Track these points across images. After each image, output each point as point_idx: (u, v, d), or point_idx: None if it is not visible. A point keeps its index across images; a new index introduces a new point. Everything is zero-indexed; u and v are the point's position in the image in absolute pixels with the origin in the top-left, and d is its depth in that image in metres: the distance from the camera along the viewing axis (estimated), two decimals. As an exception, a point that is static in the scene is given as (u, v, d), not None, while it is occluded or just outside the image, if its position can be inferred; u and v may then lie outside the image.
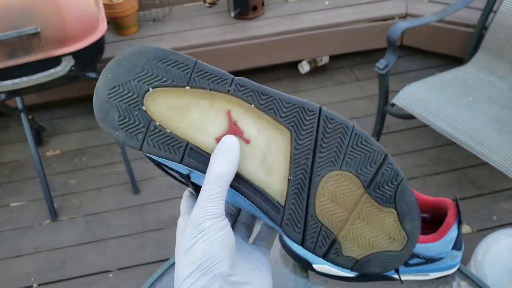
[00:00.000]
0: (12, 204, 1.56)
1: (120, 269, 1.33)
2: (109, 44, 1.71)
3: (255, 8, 1.79)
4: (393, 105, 1.38)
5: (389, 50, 1.34)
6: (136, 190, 1.53)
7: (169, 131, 0.29)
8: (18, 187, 1.62)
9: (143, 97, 0.29)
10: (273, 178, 0.29)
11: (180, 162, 0.29)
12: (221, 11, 1.90)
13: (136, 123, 0.29)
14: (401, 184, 0.29)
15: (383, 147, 0.29)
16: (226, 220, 0.28)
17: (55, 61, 1.24)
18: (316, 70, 1.96)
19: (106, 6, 1.62)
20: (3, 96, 1.34)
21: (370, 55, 2.00)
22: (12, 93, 1.34)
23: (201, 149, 0.29)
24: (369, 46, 1.88)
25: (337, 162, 0.29)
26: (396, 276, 0.60)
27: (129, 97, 0.29)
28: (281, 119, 0.29)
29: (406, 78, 1.83)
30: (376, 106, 1.47)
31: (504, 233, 1.00)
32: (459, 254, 0.58)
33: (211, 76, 0.29)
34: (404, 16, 1.79)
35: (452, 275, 0.60)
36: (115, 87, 0.29)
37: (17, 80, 1.22)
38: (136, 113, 0.29)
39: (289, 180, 0.29)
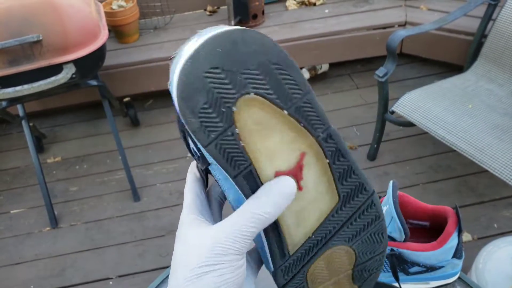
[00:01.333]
0: (12, 211, 1.56)
1: (120, 276, 1.32)
2: (110, 52, 1.72)
3: (255, 16, 1.80)
4: (392, 112, 1.39)
5: (388, 58, 1.35)
6: (136, 197, 1.53)
7: (242, 145, 0.25)
8: (19, 194, 1.62)
9: (240, 98, 0.24)
10: (299, 230, 0.29)
11: (233, 178, 0.26)
12: (221, 19, 1.91)
13: (217, 120, 0.24)
14: (375, 273, 0.33)
15: (387, 243, 0.32)
16: (245, 259, 0.26)
17: (56, 69, 1.25)
18: (316, 78, 1.97)
19: (107, 14, 1.63)
20: (4, 103, 1.35)
21: (369, 63, 2.01)
22: (13, 101, 1.35)
23: (258, 176, 0.26)
24: (368, 54, 1.89)
25: (351, 240, 0.31)
26: (396, 284, 0.60)
27: (227, 89, 0.24)
28: (340, 186, 0.29)
29: (405, 85, 1.84)
30: (376, 113, 1.48)
31: (505, 241, 1.00)
32: (459, 263, 0.58)
33: (313, 114, 0.27)
34: (403, 24, 1.80)
35: (452, 284, 0.60)
36: (217, 68, 0.23)
37: (18, 88, 1.22)
38: (223, 109, 0.24)
39: (309, 237, 0.29)
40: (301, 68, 1.93)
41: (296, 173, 0.27)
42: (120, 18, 1.70)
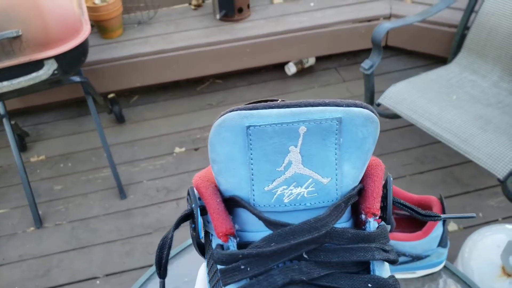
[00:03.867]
0: (-5, 212, 1.53)
1: (107, 275, 1.31)
2: (93, 48, 1.69)
3: (240, 10, 1.79)
4: (378, 105, 1.39)
5: (374, 50, 1.35)
6: (122, 194, 1.51)
7: None
8: (1, 194, 1.58)
9: None
10: None
11: None
12: (206, 13, 1.89)
13: None
14: None
15: None
16: None
17: (37, 65, 1.22)
18: (303, 72, 1.96)
19: (90, 9, 1.60)
20: (-16, 101, 1.32)
21: (355, 56, 2.01)
22: (-7, 98, 1.31)
23: None
24: (354, 47, 1.89)
25: None
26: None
27: None
28: None
29: (391, 78, 1.85)
30: (362, 106, 1.48)
31: (490, 229, 1.01)
32: (444, 251, 0.59)
33: None
34: (388, 17, 1.81)
35: (438, 273, 0.60)
36: None
37: (-3, 85, 1.19)
38: None
39: None
40: (288, 62, 1.92)
41: None
42: (103, 13, 1.66)
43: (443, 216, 0.27)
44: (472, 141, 1.17)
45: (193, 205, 0.26)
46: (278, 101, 0.23)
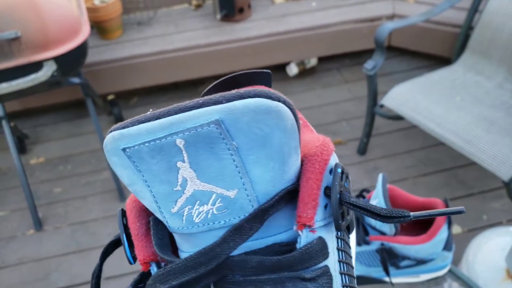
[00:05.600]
0: (-6, 214, 1.52)
1: (107, 278, 1.29)
2: (92, 49, 1.68)
3: (241, 10, 1.78)
4: (382, 106, 1.38)
5: (377, 50, 1.34)
6: (122, 197, 1.50)
7: None
8: (1, 196, 1.57)
9: None
10: None
11: None
12: (207, 13, 1.88)
13: None
14: None
15: None
16: None
17: (36, 66, 1.21)
18: (305, 73, 1.95)
19: (89, 10, 1.59)
20: (-18, 103, 1.31)
21: (358, 57, 1.99)
22: (-8, 100, 1.31)
23: None
24: (356, 47, 1.88)
25: None
26: (386, 278, 0.58)
27: None
28: None
29: (394, 79, 1.83)
30: (365, 107, 1.47)
31: (494, 232, 0.99)
32: (449, 255, 0.57)
33: None
34: (391, 17, 1.79)
35: (443, 276, 0.58)
36: None
37: (-4, 86, 1.19)
38: None
39: None
40: (289, 63, 1.91)
41: None
42: (102, 14, 1.66)
43: (413, 214, 0.21)
44: (476, 143, 1.15)
45: (119, 231, 0.24)
46: (149, 112, 0.19)
